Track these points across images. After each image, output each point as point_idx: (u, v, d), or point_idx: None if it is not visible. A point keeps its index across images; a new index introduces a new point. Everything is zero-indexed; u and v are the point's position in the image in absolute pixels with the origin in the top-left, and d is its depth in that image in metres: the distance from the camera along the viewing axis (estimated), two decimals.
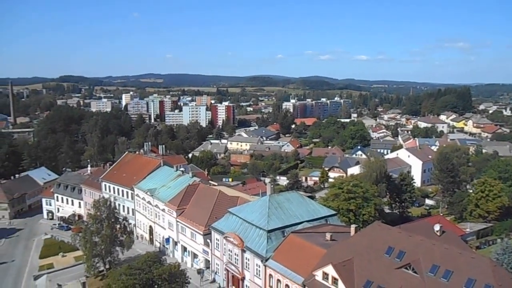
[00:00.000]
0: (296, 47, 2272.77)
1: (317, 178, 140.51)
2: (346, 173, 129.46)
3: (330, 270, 42.29)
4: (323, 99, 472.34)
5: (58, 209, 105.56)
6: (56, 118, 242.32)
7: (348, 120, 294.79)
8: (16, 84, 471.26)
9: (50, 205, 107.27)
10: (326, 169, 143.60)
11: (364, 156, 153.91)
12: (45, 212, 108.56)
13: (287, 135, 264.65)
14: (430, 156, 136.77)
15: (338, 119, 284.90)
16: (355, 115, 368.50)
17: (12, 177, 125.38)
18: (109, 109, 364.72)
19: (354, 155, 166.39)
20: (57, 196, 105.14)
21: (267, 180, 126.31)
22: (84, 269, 66.72)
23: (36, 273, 71.77)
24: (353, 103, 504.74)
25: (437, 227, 46.57)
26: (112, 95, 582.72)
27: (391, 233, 45.09)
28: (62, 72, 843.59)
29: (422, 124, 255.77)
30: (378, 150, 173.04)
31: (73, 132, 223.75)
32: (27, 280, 70.34)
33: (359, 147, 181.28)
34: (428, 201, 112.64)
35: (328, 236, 49.19)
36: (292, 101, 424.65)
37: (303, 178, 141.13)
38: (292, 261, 48.29)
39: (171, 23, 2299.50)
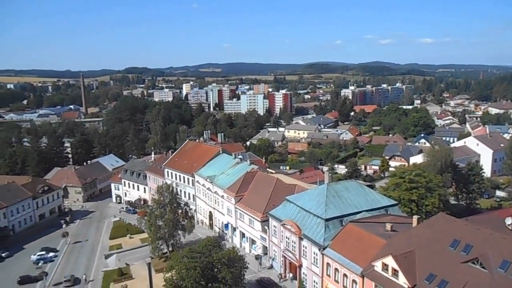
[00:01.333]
0: (355, 32, 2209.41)
1: (377, 167, 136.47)
2: (408, 162, 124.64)
3: (390, 261, 41.23)
4: (384, 85, 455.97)
5: (125, 193, 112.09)
6: (122, 108, 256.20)
7: (410, 107, 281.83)
8: (86, 76, 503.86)
9: (118, 189, 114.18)
10: (387, 157, 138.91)
11: (427, 144, 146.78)
12: (113, 196, 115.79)
13: (345, 123, 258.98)
14: (502, 145, 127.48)
15: (400, 106, 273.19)
16: (418, 101, 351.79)
17: (84, 163, 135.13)
18: (170, 99, 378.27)
19: (417, 144, 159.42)
20: (124, 182, 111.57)
21: (325, 168, 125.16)
22: (149, 251, 70.54)
23: (107, 252, 77.14)
24: (416, 89, 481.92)
25: (509, 221, 43.72)
26: (173, 85, 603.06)
27: (456, 225, 42.93)
28: (128, 64, 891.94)
29: (494, 110, 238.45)
30: (443, 138, 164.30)
31: (138, 121, 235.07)
32: (99, 258, 75.88)
33: (422, 135, 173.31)
34: (499, 193, 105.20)
35: (388, 226, 47.88)
36: (351, 87, 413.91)
37: (362, 166, 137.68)
38: (350, 250, 47.68)
39: (228, 13, 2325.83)
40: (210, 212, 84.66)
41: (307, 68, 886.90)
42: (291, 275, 59.75)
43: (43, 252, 77.23)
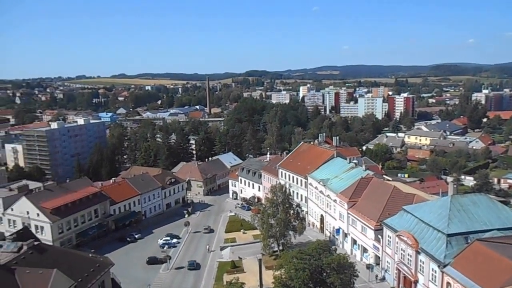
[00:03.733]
0: (492, 29, 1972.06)
1: None
2: None
3: None
4: None
5: (241, 190, 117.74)
6: (242, 109, 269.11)
7: None
8: (211, 79, 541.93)
9: (235, 186, 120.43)
10: None
11: None
12: (230, 192, 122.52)
13: (476, 130, 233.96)
14: None
15: None
16: None
17: (206, 160, 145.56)
18: (287, 101, 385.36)
19: None
20: (240, 179, 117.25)
21: (450, 179, 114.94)
22: (260, 247, 73.04)
23: (222, 245, 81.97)
24: None
25: None
26: (290, 87, 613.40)
27: None
28: (249, 67, 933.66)
29: None
30: None
31: (256, 122, 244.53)
32: (215, 249, 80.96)
33: None
34: None
35: None
36: (485, 91, 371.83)
37: (495, 180, 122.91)
38: (476, 271, 42.97)
39: (348, 14, 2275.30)
40: (322, 216, 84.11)
41: (432, 69, 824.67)
42: None
43: (168, 238, 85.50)
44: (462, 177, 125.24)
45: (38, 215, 78.46)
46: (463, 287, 43.40)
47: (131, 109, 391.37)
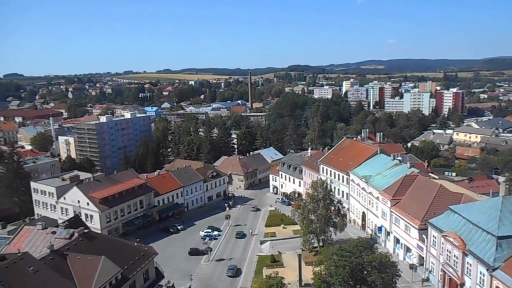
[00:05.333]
0: None
1: None
2: None
3: None
4: None
5: (281, 185, 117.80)
6: (283, 104, 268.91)
7: None
8: (253, 74, 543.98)
9: (275, 181, 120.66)
10: None
11: None
12: (271, 187, 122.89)
13: None
14: None
15: None
16: None
17: (247, 154, 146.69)
18: (329, 96, 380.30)
19: None
20: (281, 174, 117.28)
21: (501, 179, 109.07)
22: (300, 243, 72.82)
23: (262, 239, 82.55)
24: None
25: None
26: (333, 82, 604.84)
27: None
28: (291, 62, 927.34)
29: None
30: None
31: (297, 117, 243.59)
32: (255, 242, 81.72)
33: None
34: None
35: None
36: None
37: None
38: None
39: (393, 6, 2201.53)
40: (363, 213, 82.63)
41: (485, 63, 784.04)
42: None
43: (209, 230, 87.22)
44: None
45: (88, 204, 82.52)
46: None
47: (175, 104, 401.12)
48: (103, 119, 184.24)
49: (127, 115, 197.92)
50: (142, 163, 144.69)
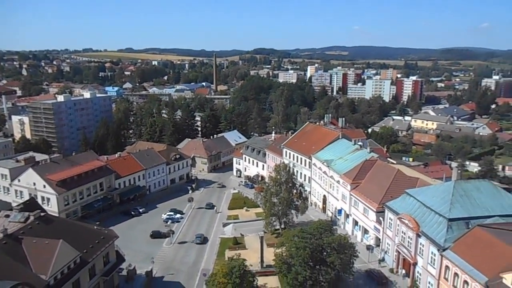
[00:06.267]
0: (506, 14, 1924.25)
1: None
2: None
3: None
4: None
5: (245, 168, 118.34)
6: (248, 87, 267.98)
7: None
8: (218, 56, 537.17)
9: (239, 164, 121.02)
10: None
11: None
12: (234, 170, 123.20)
13: (484, 117, 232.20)
14: None
15: None
16: None
17: (211, 137, 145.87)
18: (294, 80, 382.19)
19: None
20: (245, 157, 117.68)
21: (454, 164, 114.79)
22: (262, 225, 73.89)
23: (225, 221, 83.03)
24: None
25: None
26: (298, 67, 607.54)
27: None
28: (256, 45, 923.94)
29: None
30: None
31: (262, 100, 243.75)
32: (218, 225, 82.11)
33: None
34: None
35: None
36: (495, 77, 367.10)
37: (500, 167, 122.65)
38: (475, 256, 43.38)
39: None
40: (324, 196, 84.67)
41: (443, 53, 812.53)
42: (403, 271, 57.00)
43: (172, 213, 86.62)
44: (467, 163, 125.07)
45: (44, 186, 79.63)
46: (462, 271, 43.94)
47: (137, 84, 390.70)
48: (60, 98, 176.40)
49: (87, 94, 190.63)
50: (102, 144, 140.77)
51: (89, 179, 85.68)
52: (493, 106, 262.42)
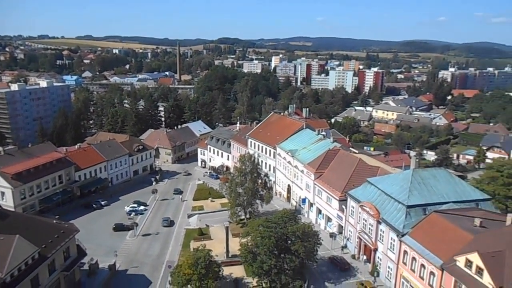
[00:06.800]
0: (464, 8, 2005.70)
1: (471, 157, 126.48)
2: (509, 155, 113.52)
3: (475, 258, 38.59)
4: (490, 69, 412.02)
5: (210, 159, 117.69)
6: (213, 77, 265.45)
7: None
8: (182, 45, 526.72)
9: (204, 155, 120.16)
10: (484, 148, 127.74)
11: None
12: (199, 161, 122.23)
13: (440, 107, 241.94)
14: None
15: (507, 93, 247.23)
16: None
17: (175, 127, 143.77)
18: (259, 71, 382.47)
19: None
20: (209, 148, 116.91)
21: (412, 153, 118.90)
22: (228, 215, 74.01)
23: (190, 212, 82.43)
24: None
25: None
26: (263, 57, 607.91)
27: None
28: (221, 34, 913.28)
29: None
30: None
31: (227, 90, 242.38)
32: (183, 216, 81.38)
33: None
34: None
35: (477, 221, 44.55)
36: (451, 69, 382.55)
37: (455, 155, 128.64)
38: (431, 241, 45.45)
39: None
40: (289, 185, 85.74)
41: (403, 46, 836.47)
42: (365, 257, 58.93)
43: (135, 205, 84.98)
44: (425, 151, 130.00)
45: None
46: (419, 255, 45.94)
47: (97, 73, 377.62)
48: (14, 87, 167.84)
49: (43, 83, 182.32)
50: (60, 135, 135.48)
51: (47, 171, 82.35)
52: (449, 97, 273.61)
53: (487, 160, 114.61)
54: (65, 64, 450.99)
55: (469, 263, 39.38)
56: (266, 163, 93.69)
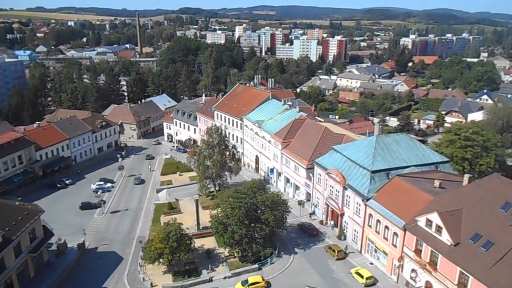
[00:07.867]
0: None
1: (431, 122, 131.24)
2: (466, 119, 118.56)
3: (435, 217, 40.77)
4: (448, 35, 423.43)
5: (176, 133, 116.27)
6: (175, 49, 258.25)
7: (476, 60, 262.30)
8: (142, 16, 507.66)
9: (170, 129, 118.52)
10: (443, 113, 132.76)
11: (490, 101, 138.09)
12: (165, 135, 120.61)
13: (402, 74, 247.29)
14: None
15: (464, 58, 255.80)
16: (485, 54, 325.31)
17: (139, 102, 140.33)
18: (223, 41, 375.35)
19: (477, 100, 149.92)
20: (175, 121, 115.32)
21: (376, 120, 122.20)
22: (197, 188, 74.10)
23: (158, 187, 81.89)
24: (484, 41, 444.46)
25: None
26: (226, 27, 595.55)
27: (511, 187, 41.15)
28: (182, 4, 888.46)
29: None
30: (509, 96, 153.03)
31: (190, 62, 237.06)
32: (151, 192, 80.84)
33: (485, 91, 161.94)
34: None
35: (436, 183, 46.82)
36: (412, 36, 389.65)
37: (416, 120, 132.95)
38: (394, 204, 47.48)
39: None
40: (257, 156, 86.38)
41: (365, 13, 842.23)
42: (332, 222, 60.95)
43: (102, 183, 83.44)
44: (387, 118, 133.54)
45: None
46: (383, 217, 47.99)
47: (52, 47, 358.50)
48: None
49: None
50: (17, 114, 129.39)
51: (4, 152, 78.89)
52: (410, 64, 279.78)
53: (445, 124, 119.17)
54: (16, 38, 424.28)
55: (429, 223, 41.57)
56: (233, 135, 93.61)
